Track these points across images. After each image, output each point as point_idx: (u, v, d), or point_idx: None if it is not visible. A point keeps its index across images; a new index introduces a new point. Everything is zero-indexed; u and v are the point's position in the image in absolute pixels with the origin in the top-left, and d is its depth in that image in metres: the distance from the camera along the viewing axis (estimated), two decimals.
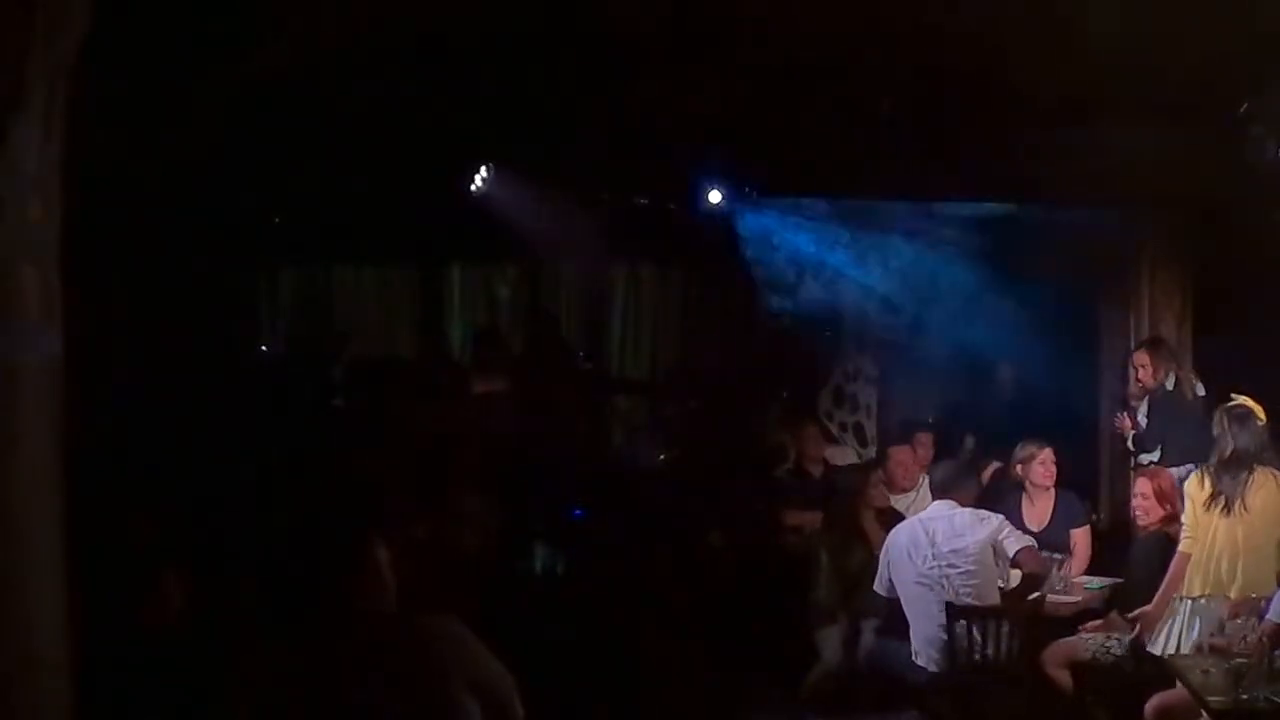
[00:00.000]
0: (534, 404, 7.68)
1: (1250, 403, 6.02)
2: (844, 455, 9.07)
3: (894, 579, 6.35)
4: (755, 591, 7.23)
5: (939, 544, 6.25)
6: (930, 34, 5.89)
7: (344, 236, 9.50)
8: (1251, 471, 5.84)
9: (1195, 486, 5.96)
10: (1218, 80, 6.39)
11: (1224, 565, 5.81)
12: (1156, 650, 5.88)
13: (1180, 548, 5.95)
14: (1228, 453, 5.90)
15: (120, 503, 4.20)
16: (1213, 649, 5.26)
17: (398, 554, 3.48)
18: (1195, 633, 5.73)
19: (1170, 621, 5.89)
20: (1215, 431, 6.01)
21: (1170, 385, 7.90)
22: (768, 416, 9.64)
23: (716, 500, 8.12)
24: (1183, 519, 6.02)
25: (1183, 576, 5.89)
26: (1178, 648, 5.78)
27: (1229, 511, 5.82)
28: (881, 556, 6.47)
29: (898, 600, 6.37)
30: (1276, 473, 5.90)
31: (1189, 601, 5.86)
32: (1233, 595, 5.75)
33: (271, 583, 3.29)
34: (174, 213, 6.26)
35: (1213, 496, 5.87)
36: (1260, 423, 5.97)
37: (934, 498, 6.61)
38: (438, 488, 5.75)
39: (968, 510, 6.42)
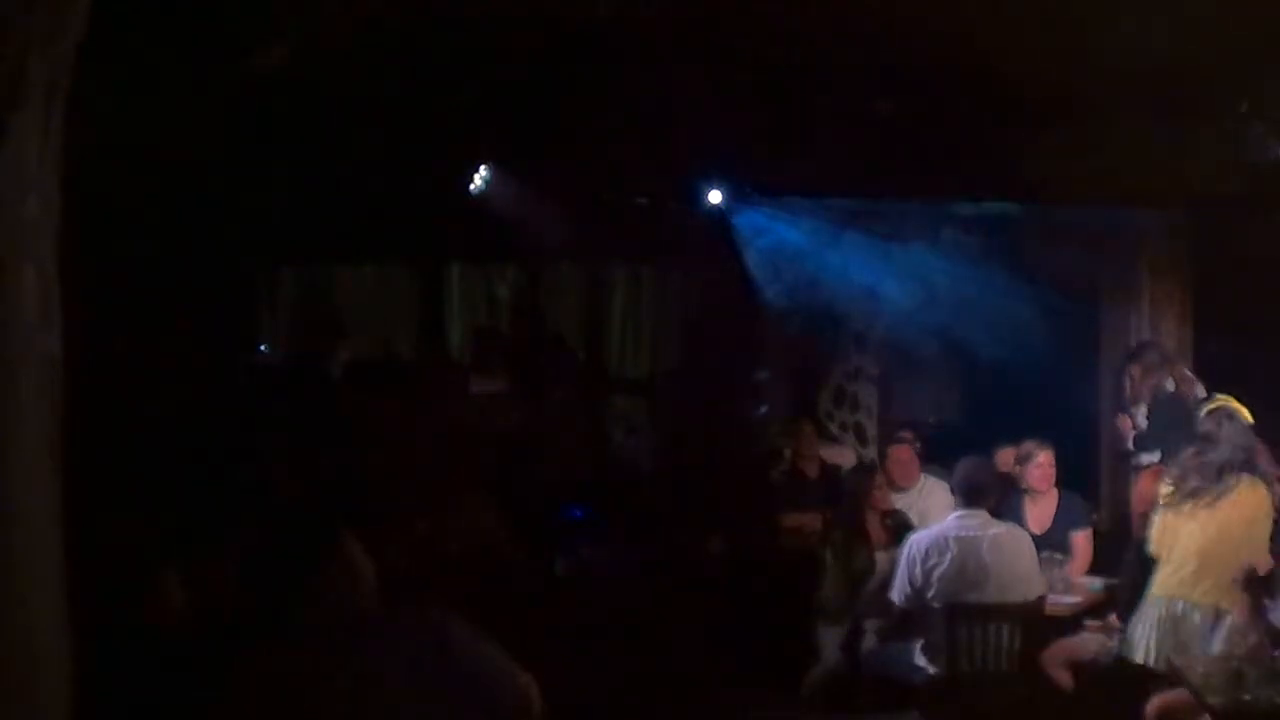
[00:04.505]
0: (533, 403, 7.69)
1: (1234, 402, 5.94)
2: (842, 454, 9.06)
3: (923, 593, 6.06)
4: (755, 592, 7.23)
5: (992, 573, 5.97)
6: (930, 34, 5.89)
7: (344, 236, 9.49)
8: (1239, 479, 5.71)
9: (1166, 487, 5.85)
10: (1218, 80, 6.39)
11: (1190, 570, 5.70)
12: (1139, 656, 5.80)
13: (1150, 550, 5.86)
14: (1219, 454, 5.78)
15: (119, 502, 4.21)
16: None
17: (396, 553, 3.48)
18: (1170, 636, 5.66)
19: (1143, 624, 5.81)
20: (1207, 429, 5.88)
21: (1170, 387, 7.89)
22: (764, 417, 9.65)
23: (715, 501, 8.12)
24: (1152, 518, 5.92)
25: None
26: (1148, 651, 5.73)
27: (1200, 514, 5.69)
28: (903, 566, 6.15)
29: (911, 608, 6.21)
30: (1259, 482, 5.78)
31: (1161, 601, 5.77)
32: (1201, 600, 5.65)
33: (262, 583, 3.29)
34: (173, 212, 6.26)
35: (1188, 497, 5.74)
36: (1248, 423, 5.89)
37: (961, 505, 6.21)
38: (436, 487, 5.75)
39: (1008, 530, 6.20)
